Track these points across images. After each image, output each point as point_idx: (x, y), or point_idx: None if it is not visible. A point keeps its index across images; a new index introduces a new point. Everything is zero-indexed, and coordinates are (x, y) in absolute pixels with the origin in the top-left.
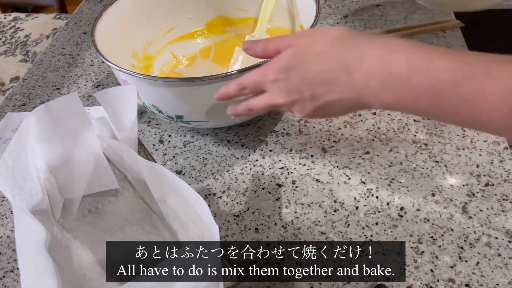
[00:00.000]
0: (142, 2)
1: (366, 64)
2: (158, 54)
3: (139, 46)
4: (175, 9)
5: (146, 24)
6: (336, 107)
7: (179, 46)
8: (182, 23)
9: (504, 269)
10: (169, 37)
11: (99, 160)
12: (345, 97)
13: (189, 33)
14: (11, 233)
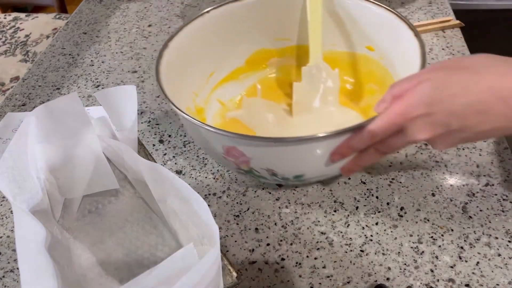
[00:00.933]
0: (184, 51)
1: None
2: (206, 104)
3: (188, 99)
4: (212, 50)
5: (190, 74)
6: (486, 136)
7: (223, 90)
8: (222, 65)
9: (504, 269)
10: (212, 83)
11: (99, 160)
12: (501, 126)
13: (230, 74)
14: (11, 233)
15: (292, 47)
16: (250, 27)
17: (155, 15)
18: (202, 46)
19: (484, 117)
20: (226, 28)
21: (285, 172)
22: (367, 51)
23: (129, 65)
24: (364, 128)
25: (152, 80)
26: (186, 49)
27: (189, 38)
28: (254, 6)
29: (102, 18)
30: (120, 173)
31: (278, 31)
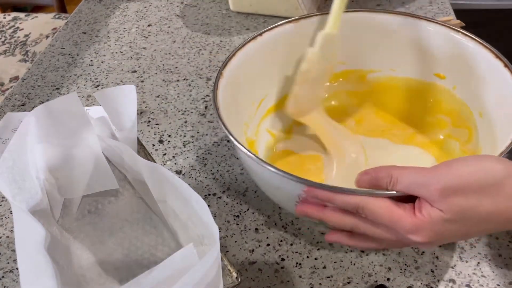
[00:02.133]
0: (236, 79)
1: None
2: (257, 136)
3: (240, 132)
4: (262, 76)
5: (242, 103)
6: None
7: (272, 120)
8: (271, 91)
9: (505, 269)
10: (260, 112)
11: (98, 160)
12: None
13: (279, 101)
14: (10, 233)
15: (346, 72)
16: (305, 48)
17: (155, 15)
18: (252, 72)
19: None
20: (279, 51)
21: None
22: (437, 79)
23: (128, 65)
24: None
25: (152, 80)
26: (238, 76)
27: (240, 64)
28: (309, 27)
29: (102, 17)
30: (119, 173)
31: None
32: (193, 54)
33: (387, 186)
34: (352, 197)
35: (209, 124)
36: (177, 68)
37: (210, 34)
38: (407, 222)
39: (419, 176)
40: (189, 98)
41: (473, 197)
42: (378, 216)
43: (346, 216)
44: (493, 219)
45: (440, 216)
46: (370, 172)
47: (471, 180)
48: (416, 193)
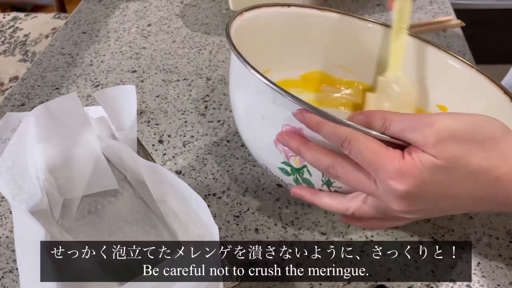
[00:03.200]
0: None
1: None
2: None
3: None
4: (274, 50)
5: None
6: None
7: None
8: (277, 68)
9: (505, 269)
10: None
11: (98, 160)
12: (491, 209)
13: (281, 81)
14: (10, 233)
15: (352, 82)
16: (321, 42)
17: (155, 15)
18: (268, 37)
19: (477, 203)
20: (298, 31)
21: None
22: (438, 110)
23: (128, 65)
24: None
25: (152, 80)
26: (253, 30)
27: (260, 21)
28: (332, 22)
29: (102, 17)
30: (119, 173)
31: (345, 59)
32: (193, 54)
33: (379, 128)
34: (342, 128)
35: (209, 124)
36: (177, 68)
37: (210, 34)
38: (393, 164)
39: (414, 120)
40: (189, 98)
41: (468, 146)
42: (362, 153)
43: (327, 153)
44: (481, 176)
45: (431, 161)
46: (365, 113)
47: (470, 127)
48: (409, 137)
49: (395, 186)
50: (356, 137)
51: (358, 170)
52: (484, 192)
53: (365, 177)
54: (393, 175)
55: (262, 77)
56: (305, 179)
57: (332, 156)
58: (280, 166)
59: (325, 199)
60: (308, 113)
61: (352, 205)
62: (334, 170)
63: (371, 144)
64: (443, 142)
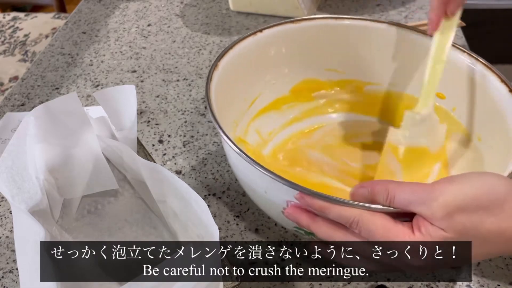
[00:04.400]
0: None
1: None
2: (246, 135)
3: (229, 129)
4: (258, 74)
5: (234, 99)
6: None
7: (263, 121)
8: (266, 91)
9: (505, 270)
10: (252, 111)
11: (98, 160)
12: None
13: (272, 102)
14: (10, 233)
15: (346, 81)
16: (302, 52)
17: (155, 15)
18: (249, 68)
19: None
20: (277, 51)
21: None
22: (436, 99)
23: (128, 65)
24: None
25: (152, 80)
26: (233, 71)
27: (237, 58)
28: (310, 30)
29: (101, 17)
30: (119, 173)
31: (331, 61)
32: (193, 54)
33: (383, 201)
34: (347, 210)
35: (209, 124)
36: (177, 68)
37: (210, 34)
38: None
39: (418, 192)
40: (189, 98)
41: (476, 215)
42: (372, 233)
43: (337, 229)
44: (494, 239)
45: (442, 235)
46: (366, 186)
47: (475, 197)
48: (415, 210)
49: (412, 261)
50: (363, 217)
51: (370, 245)
52: (497, 250)
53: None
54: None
55: (258, 166)
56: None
57: (343, 232)
58: (294, 229)
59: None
60: (310, 198)
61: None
62: (346, 246)
63: (379, 221)
64: (451, 216)
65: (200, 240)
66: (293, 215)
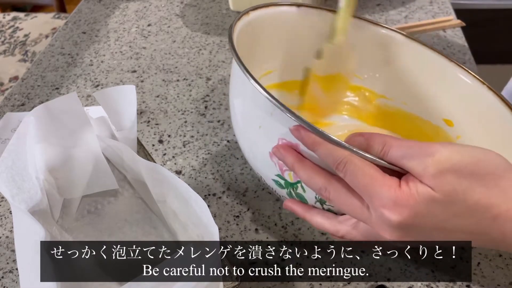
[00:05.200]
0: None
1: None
2: None
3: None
4: (281, 50)
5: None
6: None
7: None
8: (283, 68)
9: (505, 270)
10: (263, 83)
11: (98, 160)
12: (485, 246)
13: (285, 82)
14: (10, 233)
15: (357, 87)
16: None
17: (155, 15)
18: (279, 35)
19: (471, 237)
20: (311, 33)
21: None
22: (444, 125)
23: (128, 65)
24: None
25: (152, 80)
26: (261, 28)
27: (269, 18)
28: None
29: (101, 17)
30: (119, 173)
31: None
32: (193, 54)
33: (378, 152)
34: (338, 149)
35: (209, 124)
36: (177, 68)
37: (210, 34)
38: (388, 192)
39: (414, 148)
40: (189, 98)
41: (468, 181)
42: (357, 178)
43: (321, 173)
44: (478, 213)
45: (428, 193)
46: (365, 135)
47: (471, 161)
48: (407, 165)
49: (389, 215)
50: (352, 160)
51: (351, 195)
52: (480, 229)
53: (358, 203)
54: (387, 204)
55: (261, 88)
56: (299, 194)
57: (326, 178)
58: (274, 178)
59: (317, 218)
60: (305, 131)
61: (342, 229)
62: (326, 192)
63: (367, 169)
64: (443, 174)
65: (200, 240)
66: (280, 151)
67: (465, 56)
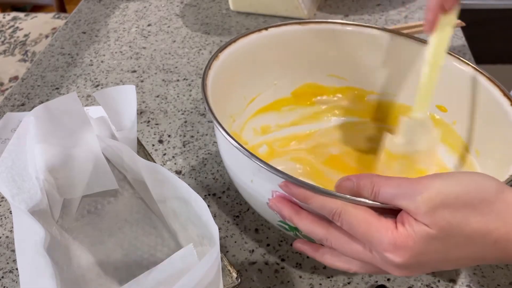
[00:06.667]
0: (232, 67)
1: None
2: (242, 132)
3: (226, 123)
4: (261, 72)
5: (233, 94)
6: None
7: (261, 120)
8: (267, 91)
9: (505, 270)
10: (251, 109)
11: (98, 160)
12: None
13: (272, 102)
14: (10, 233)
15: (348, 88)
16: (307, 55)
17: (155, 15)
18: (251, 65)
19: (474, 262)
20: (281, 51)
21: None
22: (437, 111)
23: (128, 65)
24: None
25: (152, 80)
26: (234, 65)
27: (240, 53)
28: (317, 34)
29: (101, 17)
30: (119, 173)
31: (335, 67)
32: (193, 54)
33: (368, 195)
34: (330, 201)
35: (209, 124)
36: (177, 68)
37: (210, 34)
38: (387, 237)
39: (403, 186)
40: (189, 98)
41: (462, 213)
42: (354, 226)
43: (319, 224)
44: (479, 240)
45: (425, 231)
46: (352, 179)
47: (462, 193)
48: (399, 204)
49: (392, 258)
50: (346, 209)
51: (352, 242)
52: (483, 254)
53: (360, 248)
54: (388, 248)
55: (244, 150)
56: (305, 235)
57: (325, 228)
58: (278, 223)
59: (327, 256)
60: (294, 186)
61: (353, 266)
62: (328, 242)
63: (362, 215)
64: (435, 211)
65: (200, 240)
66: (277, 205)
67: (465, 56)
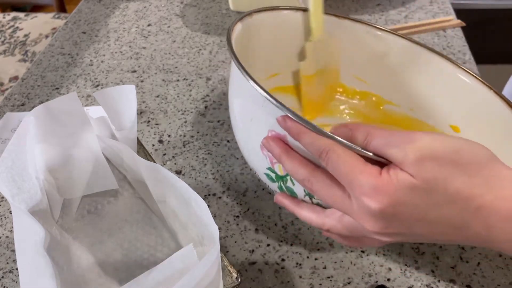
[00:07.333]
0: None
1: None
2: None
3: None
4: (286, 54)
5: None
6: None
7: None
8: (288, 72)
9: (505, 270)
10: (270, 83)
11: (98, 160)
12: (470, 243)
13: (289, 86)
14: (10, 233)
15: (368, 93)
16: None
17: (155, 15)
18: (279, 39)
19: (455, 233)
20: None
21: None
22: (450, 131)
23: (128, 65)
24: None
25: (152, 80)
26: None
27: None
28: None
29: (101, 17)
30: (119, 173)
31: (359, 68)
32: (193, 54)
33: (361, 142)
34: (321, 138)
35: (209, 124)
36: (177, 68)
37: (210, 33)
38: (368, 180)
39: (396, 136)
40: (189, 98)
41: (449, 169)
42: (339, 166)
43: (306, 164)
44: (461, 202)
45: (408, 180)
46: (349, 125)
47: (453, 150)
48: (388, 153)
49: (369, 203)
50: (335, 149)
51: (334, 186)
52: (462, 220)
53: (340, 192)
54: (367, 191)
55: (252, 81)
56: (289, 187)
57: (310, 169)
58: (265, 172)
59: (305, 211)
60: (291, 121)
61: (328, 222)
62: (309, 183)
63: (349, 158)
64: (423, 161)
65: (200, 240)
66: (270, 143)
67: (465, 56)
